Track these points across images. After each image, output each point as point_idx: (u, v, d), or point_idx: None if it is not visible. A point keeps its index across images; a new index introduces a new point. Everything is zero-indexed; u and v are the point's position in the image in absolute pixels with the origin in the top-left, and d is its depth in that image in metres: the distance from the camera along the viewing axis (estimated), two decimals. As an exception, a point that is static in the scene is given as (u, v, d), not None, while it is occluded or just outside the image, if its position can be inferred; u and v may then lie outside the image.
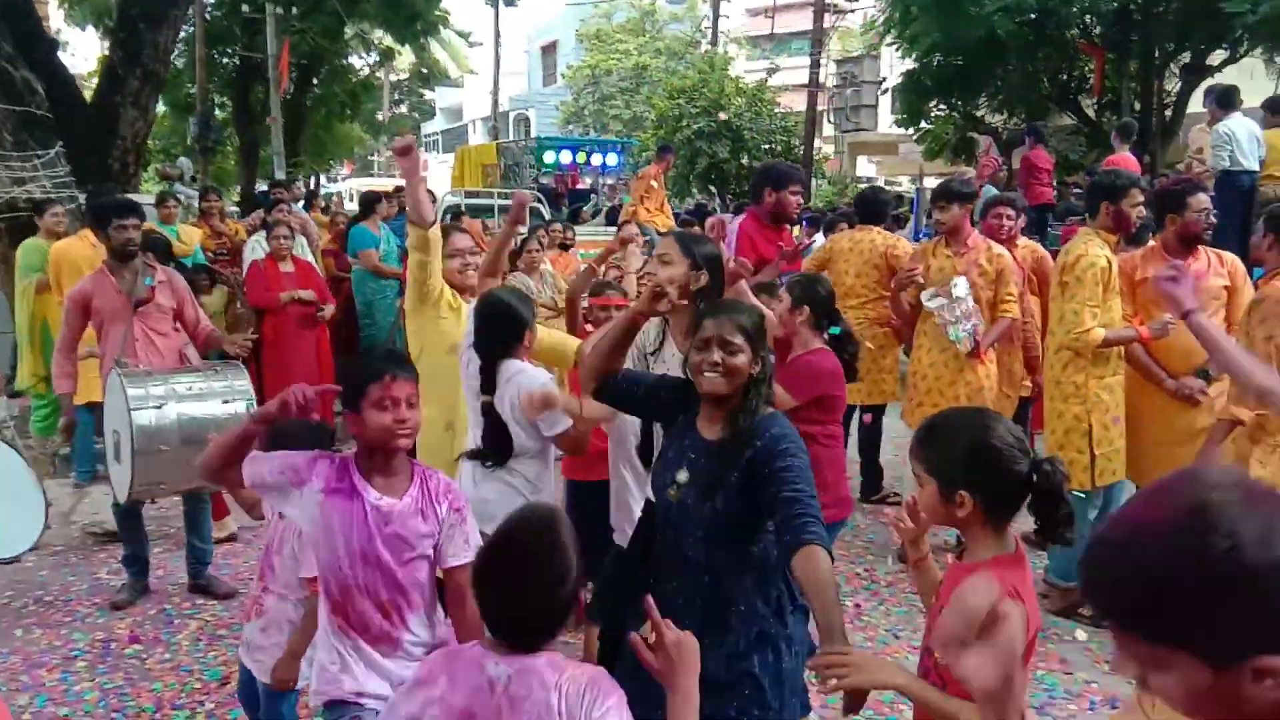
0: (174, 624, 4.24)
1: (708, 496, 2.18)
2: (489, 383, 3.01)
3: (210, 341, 4.70)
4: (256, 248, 7.15)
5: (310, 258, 7.28)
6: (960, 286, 4.60)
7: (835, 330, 3.52)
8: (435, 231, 3.47)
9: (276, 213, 7.31)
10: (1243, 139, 7.07)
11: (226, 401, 3.88)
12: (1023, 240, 5.60)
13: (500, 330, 3.03)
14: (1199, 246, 4.01)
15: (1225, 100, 7.36)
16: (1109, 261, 3.93)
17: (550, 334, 3.58)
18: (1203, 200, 3.97)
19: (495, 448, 3.02)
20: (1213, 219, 3.98)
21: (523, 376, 2.99)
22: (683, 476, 2.26)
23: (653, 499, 2.46)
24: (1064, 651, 3.97)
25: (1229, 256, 4.12)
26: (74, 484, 6.04)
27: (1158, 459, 4.01)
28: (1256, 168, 7.12)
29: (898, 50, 15.30)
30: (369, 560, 2.21)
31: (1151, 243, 4.33)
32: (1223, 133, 7.14)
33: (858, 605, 4.41)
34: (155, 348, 4.44)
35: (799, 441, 2.21)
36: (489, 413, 3.01)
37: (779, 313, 3.37)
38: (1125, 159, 8.58)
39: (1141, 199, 4.07)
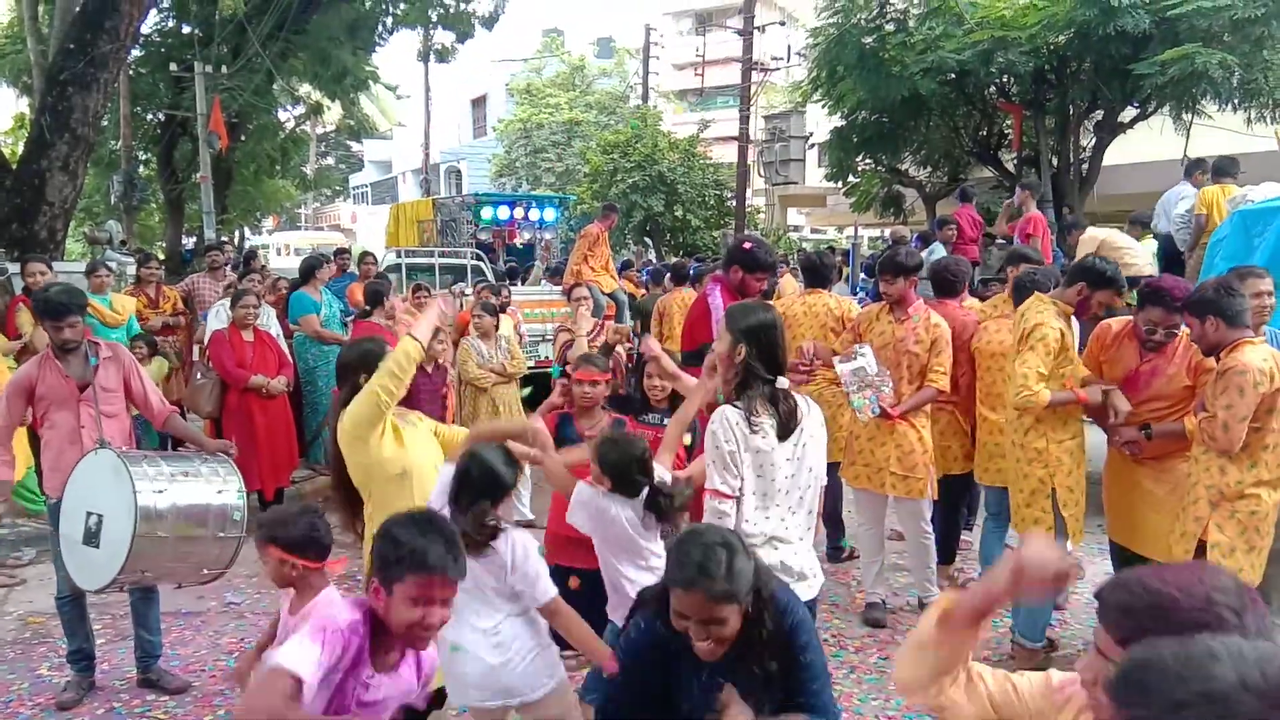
0: (125, 723, 4.05)
1: (753, 693, 2.18)
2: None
3: (173, 427, 4.46)
4: (220, 312, 7.00)
5: (274, 327, 7.16)
6: (866, 356, 4.67)
7: None
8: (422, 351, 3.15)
9: (246, 281, 7.20)
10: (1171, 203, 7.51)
11: (220, 491, 3.71)
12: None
13: (478, 495, 2.77)
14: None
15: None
16: (1062, 333, 4.05)
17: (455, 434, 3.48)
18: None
19: None
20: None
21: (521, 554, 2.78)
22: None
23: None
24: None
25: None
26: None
27: (1137, 520, 4.10)
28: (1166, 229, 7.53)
29: (824, 108, 15.76)
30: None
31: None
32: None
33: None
34: (105, 432, 4.25)
35: (812, 630, 2.32)
36: None
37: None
38: (1037, 217, 8.98)
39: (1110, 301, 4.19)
